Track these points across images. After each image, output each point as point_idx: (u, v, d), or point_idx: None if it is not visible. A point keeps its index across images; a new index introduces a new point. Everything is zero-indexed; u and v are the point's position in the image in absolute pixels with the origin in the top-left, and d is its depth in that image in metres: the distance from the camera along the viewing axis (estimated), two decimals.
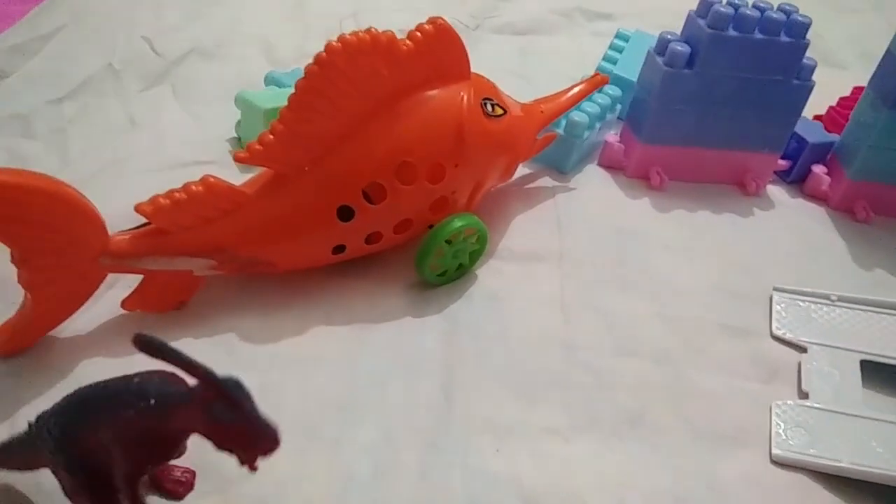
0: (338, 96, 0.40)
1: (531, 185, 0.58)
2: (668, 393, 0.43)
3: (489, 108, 0.45)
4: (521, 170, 0.59)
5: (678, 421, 0.42)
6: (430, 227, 0.45)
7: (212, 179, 0.39)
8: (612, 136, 0.61)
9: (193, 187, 0.39)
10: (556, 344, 0.45)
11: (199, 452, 0.30)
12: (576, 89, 0.54)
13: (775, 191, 0.62)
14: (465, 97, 0.44)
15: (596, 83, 0.55)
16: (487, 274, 0.49)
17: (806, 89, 0.57)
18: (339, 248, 0.44)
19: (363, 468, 0.37)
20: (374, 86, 0.41)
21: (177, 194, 0.39)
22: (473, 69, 0.45)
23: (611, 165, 0.61)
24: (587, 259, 0.51)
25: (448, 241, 0.45)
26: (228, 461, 0.28)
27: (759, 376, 0.45)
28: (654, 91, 0.56)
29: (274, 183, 0.42)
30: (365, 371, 0.42)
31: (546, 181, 0.58)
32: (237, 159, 0.40)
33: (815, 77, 0.56)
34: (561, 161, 0.59)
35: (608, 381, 0.43)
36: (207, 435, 0.28)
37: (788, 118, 0.58)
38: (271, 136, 0.40)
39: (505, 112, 0.47)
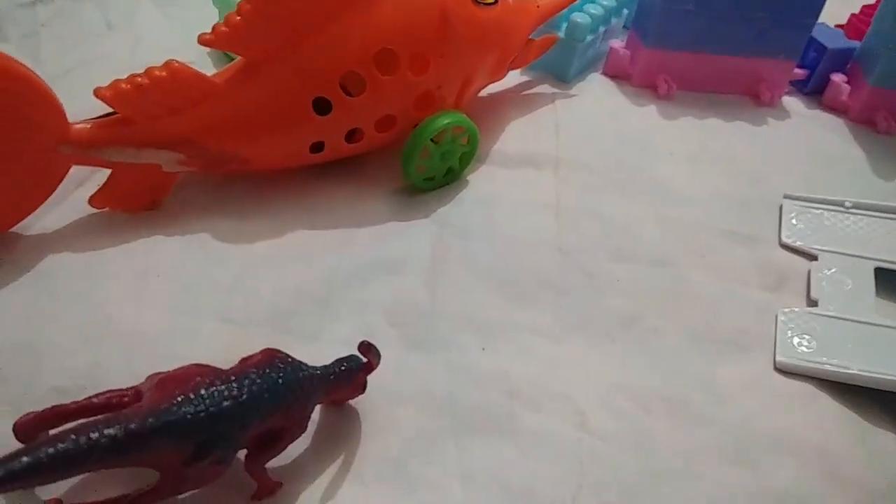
0: None
1: (529, 92, 0.54)
2: (665, 297, 0.41)
3: None
4: (520, 76, 0.56)
5: (675, 324, 0.39)
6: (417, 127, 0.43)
7: (176, 64, 0.37)
8: (617, 42, 0.58)
9: (157, 72, 0.37)
10: (548, 247, 0.43)
11: None
12: None
13: (792, 101, 0.58)
14: None
15: None
16: (479, 179, 0.47)
17: None
18: (318, 146, 0.41)
19: None
20: None
21: (139, 79, 0.36)
22: None
23: (616, 74, 0.58)
24: (585, 165, 0.48)
25: (435, 141, 0.43)
26: None
27: (766, 284, 0.42)
28: None
29: (245, 71, 0.39)
30: (346, 269, 0.40)
31: (546, 88, 0.55)
32: (201, 41, 0.37)
33: None
34: (562, 67, 0.56)
35: (602, 284, 0.41)
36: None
37: (805, 21, 0.54)
38: (238, 17, 0.37)
39: (496, 1, 0.44)
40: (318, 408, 0.32)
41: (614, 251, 0.43)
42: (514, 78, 0.55)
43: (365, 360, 0.32)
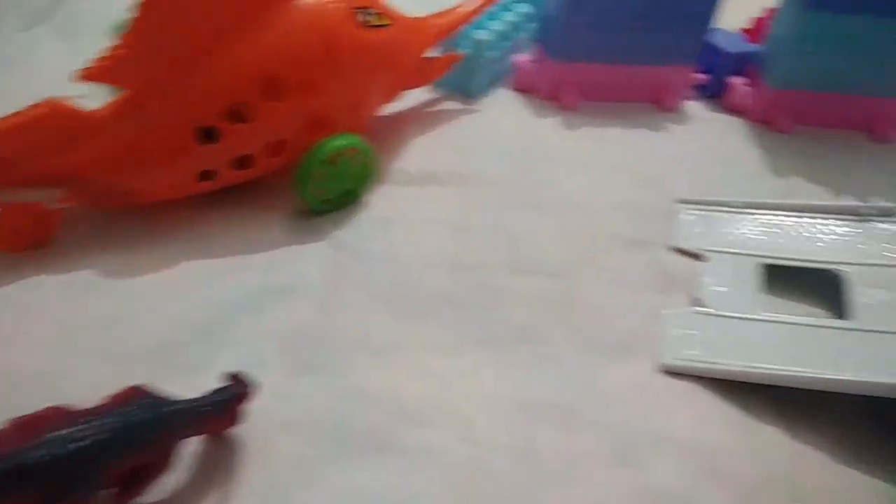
0: (190, 5, 0.37)
1: (434, 109, 0.55)
2: (559, 307, 0.41)
3: (366, 17, 0.43)
4: (426, 94, 0.57)
5: (566, 334, 0.40)
6: None
7: (53, 101, 0.37)
8: (522, 56, 0.59)
9: (35, 111, 0.37)
10: (448, 264, 0.43)
11: None
12: (472, 4, 0.52)
13: (694, 106, 0.60)
14: (335, 5, 0.41)
15: None
16: (380, 199, 0.47)
17: None
18: (207, 175, 0.42)
19: None
20: None
21: (12, 118, 0.36)
22: None
23: (524, 88, 0.59)
24: (488, 179, 0.49)
25: (328, 162, 0.43)
26: None
27: (656, 287, 0.43)
28: (562, 4, 0.54)
29: (127, 104, 0.39)
30: (235, 297, 0.40)
31: (451, 105, 0.56)
32: (82, 76, 0.37)
33: None
34: (467, 84, 0.57)
35: (500, 299, 0.42)
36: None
37: (699, 27, 0.56)
38: (118, 50, 0.37)
39: (387, 24, 0.44)
40: (198, 439, 0.32)
41: (513, 265, 0.44)
42: (419, 96, 0.55)
43: (239, 390, 0.32)
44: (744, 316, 0.40)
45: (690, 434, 0.36)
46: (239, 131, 0.40)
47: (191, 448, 0.32)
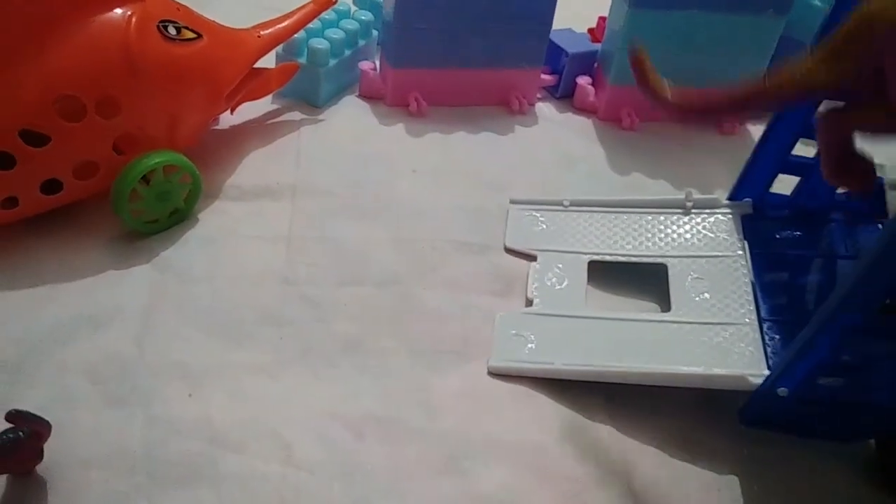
0: None
1: (275, 121, 0.54)
2: (391, 316, 0.41)
3: (172, 31, 0.41)
4: (269, 104, 0.55)
5: (398, 343, 0.40)
6: None
7: None
8: (367, 63, 0.58)
9: None
10: (273, 280, 0.42)
11: None
12: (301, 11, 0.50)
13: (544, 107, 0.60)
14: (133, 19, 0.39)
15: (323, 3, 0.51)
16: (210, 216, 0.46)
17: None
18: (11, 202, 0.39)
19: None
20: (5, 15, 0.36)
21: None
22: (221, 4, 0.41)
23: (370, 95, 0.58)
24: (324, 190, 0.48)
25: (145, 181, 0.41)
26: None
27: (493, 290, 0.43)
28: (392, 10, 0.53)
29: None
30: (44, 328, 0.38)
31: (294, 115, 0.55)
32: None
33: None
34: (311, 93, 0.56)
35: (327, 312, 0.41)
36: None
37: (540, 28, 0.57)
38: None
39: (198, 36, 0.43)
40: (1, 479, 0.31)
41: (343, 276, 0.43)
42: (260, 106, 0.54)
43: (31, 429, 0.30)
44: (573, 314, 0.40)
45: (520, 436, 0.36)
46: (38, 155, 0.38)
47: None
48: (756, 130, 0.60)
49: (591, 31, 0.65)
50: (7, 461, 0.30)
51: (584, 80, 0.60)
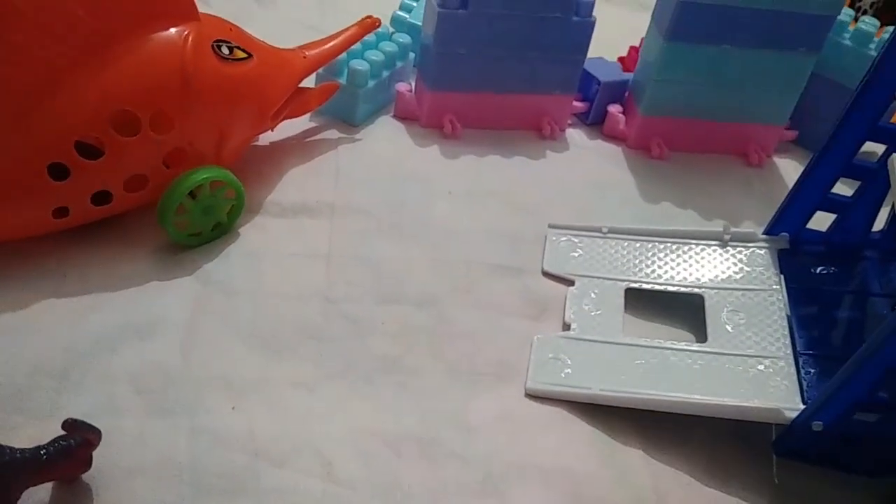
0: (24, 43, 0.36)
1: (313, 139, 0.55)
2: (429, 336, 0.41)
3: (225, 50, 0.42)
4: (307, 122, 0.56)
5: (435, 363, 0.40)
6: None
7: None
8: (403, 85, 0.59)
9: None
10: (314, 296, 0.43)
11: None
12: (345, 34, 0.52)
13: (574, 134, 0.61)
14: (190, 38, 0.40)
15: (367, 26, 0.52)
16: (251, 231, 0.46)
17: (587, 26, 0.56)
18: (62, 212, 0.40)
19: None
20: (69, 29, 0.37)
21: None
22: (265, 21, 0.42)
23: (405, 116, 0.59)
24: (362, 209, 0.49)
25: (192, 195, 0.42)
26: None
27: (528, 313, 0.44)
28: (433, 35, 0.54)
29: None
30: (91, 337, 0.38)
31: (332, 133, 0.56)
32: None
33: (617, 18, 0.55)
34: (349, 112, 0.57)
35: (366, 329, 0.41)
36: None
37: (575, 57, 0.58)
38: None
39: (249, 56, 0.44)
40: (47, 488, 0.31)
41: (381, 295, 0.43)
42: (299, 124, 0.55)
43: (82, 437, 0.31)
44: (609, 340, 0.41)
45: (555, 459, 0.37)
46: (91, 167, 0.39)
47: (39, 496, 0.31)
48: (783, 164, 0.61)
49: (621, 59, 0.66)
50: (57, 468, 0.31)
51: (615, 109, 0.61)
